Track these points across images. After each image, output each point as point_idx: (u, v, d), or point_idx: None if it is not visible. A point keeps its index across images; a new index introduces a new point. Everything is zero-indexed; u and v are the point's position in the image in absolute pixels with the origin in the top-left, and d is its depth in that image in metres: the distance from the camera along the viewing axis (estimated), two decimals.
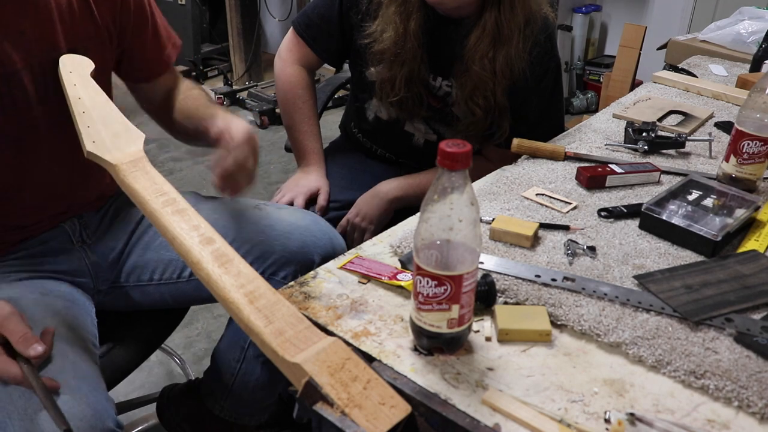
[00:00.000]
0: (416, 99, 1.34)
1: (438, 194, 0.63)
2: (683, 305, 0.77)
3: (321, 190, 1.40)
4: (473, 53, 1.23)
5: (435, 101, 1.36)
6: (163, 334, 1.23)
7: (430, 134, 1.42)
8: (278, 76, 1.49)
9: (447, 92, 1.33)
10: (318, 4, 1.41)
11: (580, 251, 0.90)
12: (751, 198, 0.99)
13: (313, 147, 1.45)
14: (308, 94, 1.47)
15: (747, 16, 2.13)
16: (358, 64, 1.39)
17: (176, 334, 1.25)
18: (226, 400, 1.24)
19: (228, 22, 3.93)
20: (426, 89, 1.34)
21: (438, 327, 0.68)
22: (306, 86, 1.47)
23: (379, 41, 1.28)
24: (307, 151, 1.45)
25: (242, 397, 1.23)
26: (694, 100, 1.52)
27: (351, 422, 0.59)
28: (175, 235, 0.78)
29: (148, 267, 1.12)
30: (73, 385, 0.83)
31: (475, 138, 1.35)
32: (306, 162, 1.45)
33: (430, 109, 1.37)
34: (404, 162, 1.50)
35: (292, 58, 1.47)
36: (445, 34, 1.28)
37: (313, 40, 1.42)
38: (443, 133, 1.41)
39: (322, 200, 1.38)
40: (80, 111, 0.92)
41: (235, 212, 1.13)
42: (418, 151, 1.45)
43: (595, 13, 3.83)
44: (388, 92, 1.33)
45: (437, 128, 1.41)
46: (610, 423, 0.62)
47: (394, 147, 1.49)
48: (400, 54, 1.27)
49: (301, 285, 0.83)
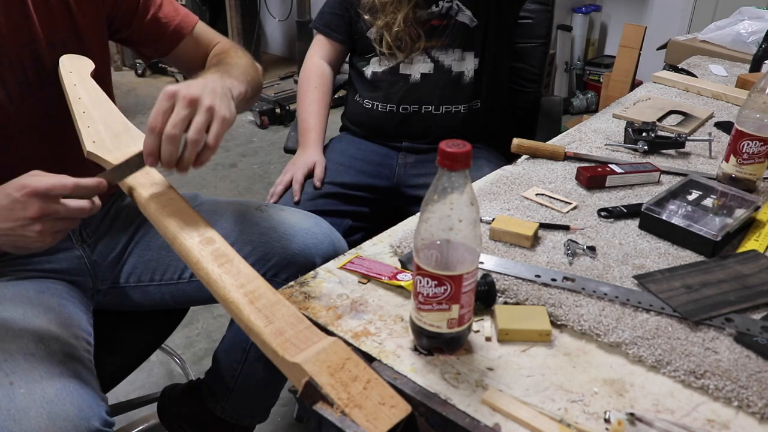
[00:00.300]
0: (414, 35, 1.44)
1: (438, 194, 0.63)
2: (683, 305, 0.77)
3: (317, 164, 1.43)
4: None
5: (439, 20, 1.45)
6: (163, 334, 1.23)
7: (427, 63, 1.47)
8: (301, 70, 1.60)
9: (448, 7, 1.44)
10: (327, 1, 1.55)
11: (580, 251, 0.90)
12: (751, 198, 0.99)
13: (314, 126, 1.50)
14: (321, 81, 1.55)
15: (747, 16, 2.13)
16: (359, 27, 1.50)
17: (176, 334, 1.26)
18: (228, 402, 1.24)
19: (228, 22, 3.93)
20: (428, 20, 1.44)
21: (438, 327, 0.68)
22: (321, 74, 1.56)
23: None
24: (307, 129, 1.49)
25: (243, 399, 1.23)
26: (694, 100, 1.52)
27: (351, 422, 0.59)
28: (175, 235, 0.78)
29: (149, 268, 1.12)
30: (59, 384, 0.83)
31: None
32: (304, 140, 1.49)
33: (434, 32, 1.45)
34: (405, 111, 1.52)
35: (315, 52, 1.59)
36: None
37: (328, 28, 1.55)
38: (440, 59, 1.47)
39: (318, 171, 1.42)
40: (80, 111, 0.92)
41: (236, 213, 1.12)
42: (416, 91, 1.49)
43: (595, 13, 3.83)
44: (387, 35, 1.43)
45: (435, 55, 1.47)
46: (610, 423, 0.62)
47: (394, 96, 1.51)
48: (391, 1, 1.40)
49: (301, 285, 0.83)
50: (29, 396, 0.80)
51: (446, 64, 1.47)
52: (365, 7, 1.45)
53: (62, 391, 0.82)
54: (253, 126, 3.62)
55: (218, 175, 3.07)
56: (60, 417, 0.79)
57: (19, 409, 0.78)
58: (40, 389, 0.81)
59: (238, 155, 3.28)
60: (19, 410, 0.78)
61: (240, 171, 3.11)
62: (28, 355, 0.85)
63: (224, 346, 1.24)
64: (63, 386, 0.83)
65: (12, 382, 0.81)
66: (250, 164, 3.19)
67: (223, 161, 3.19)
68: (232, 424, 1.26)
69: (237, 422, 1.26)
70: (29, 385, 0.81)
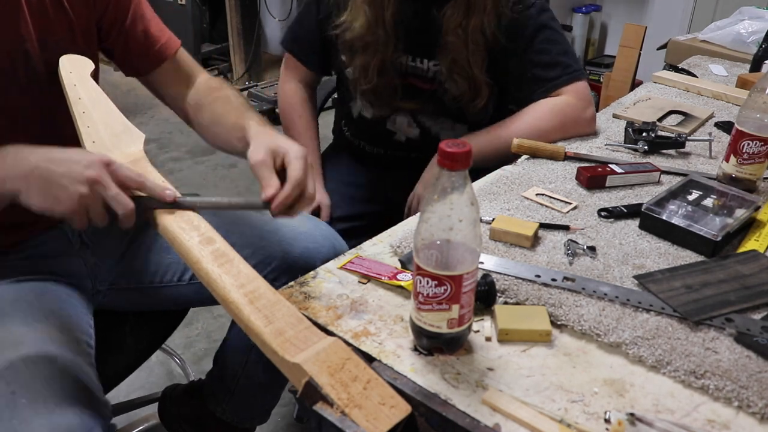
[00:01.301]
0: (390, 88, 1.33)
1: (438, 194, 0.63)
2: (683, 305, 0.77)
3: (322, 205, 1.38)
4: (448, 24, 1.24)
5: (425, 83, 1.34)
6: (164, 335, 1.23)
7: (413, 128, 1.39)
8: (278, 95, 1.51)
9: (435, 71, 1.32)
10: (299, 18, 1.45)
11: (580, 251, 0.90)
12: (751, 198, 0.99)
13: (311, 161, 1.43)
14: (303, 108, 1.47)
15: (747, 16, 2.13)
16: (339, 63, 1.39)
17: (176, 334, 1.25)
18: (228, 403, 1.24)
19: (228, 22, 3.93)
20: (412, 74, 1.33)
21: (438, 327, 0.68)
22: (301, 101, 1.47)
23: (350, 30, 1.28)
24: None
25: (244, 401, 1.23)
26: (694, 100, 1.52)
27: (351, 422, 0.59)
28: (175, 235, 0.78)
29: (148, 269, 1.12)
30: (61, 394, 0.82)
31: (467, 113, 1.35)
32: None
33: (419, 95, 1.35)
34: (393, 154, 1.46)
35: (290, 75, 1.49)
36: (427, 15, 1.28)
37: (302, 53, 1.45)
38: (428, 126, 1.39)
39: (324, 217, 1.37)
40: (80, 111, 0.92)
41: (237, 216, 1.12)
42: (403, 147, 1.43)
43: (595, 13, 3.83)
44: (362, 81, 1.32)
45: (422, 121, 1.39)
46: (610, 423, 0.62)
47: (379, 145, 1.46)
48: (371, 42, 1.27)
49: (301, 285, 0.83)
50: (30, 407, 0.78)
51: (434, 131, 1.39)
52: (344, 45, 1.33)
53: (64, 401, 0.81)
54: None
55: (218, 175, 3.07)
56: (62, 427, 0.78)
57: (21, 420, 0.77)
58: (42, 399, 0.80)
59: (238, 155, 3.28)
60: (21, 422, 0.77)
61: (240, 171, 3.11)
62: (30, 363, 0.83)
63: (225, 348, 1.24)
64: (65, 396, 0.82)
65: (14, 391, 0.80)
66: None
67: (223, 161, 3.19)
68: (233, 425, 1.26)
69: (237, 424, 1.26)
70: (30, 395, 0.80)
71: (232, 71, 4.12)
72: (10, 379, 0.81)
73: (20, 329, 0.88)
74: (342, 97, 1.50)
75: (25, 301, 0.94)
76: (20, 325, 0.89)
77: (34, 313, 0.92)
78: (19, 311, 0.90)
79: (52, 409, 0.79)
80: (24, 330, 0.88)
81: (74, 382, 0.85)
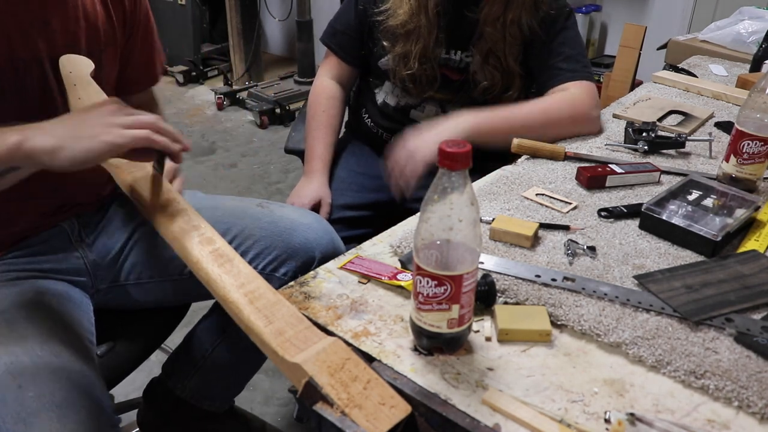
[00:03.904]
0: (429, 77, 1.37)
1: (438, 194, 0.63)
2: (683, 305, 0.77)
3: (323, 201, 1.38)
4: (486, 17, 1.29)
5: (455, 74, 1.38)
6: (163, 334, 1.23)
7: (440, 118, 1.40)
8: (311, 91, 1.53)
9: (467, 63, 1.36)
10: (339, 13, 1.48)
11: (580, 251, 0.90)
12: (751, 198, 0.99)
13: (320, 153, 1.44)
14: (330, 104, 1.48)
15: (747, 16, 2.13)
16: (375, 52, 1.42)
17: (176, 333, 1.26)
18: (191, 380, 1.24)
19: (228, 22, 3.93)
20: (444, 65, 1.38)
21: (438, 327, 0.68)
22: (330, 96, 1.49)
23: (393, 17, 1.34)
24: (313, 157, 1.44)
25: (209, 380, 1.23)
26: (694, 100, 1.52)
27: (351, 422, 0.59)
28: (175, 235, 0.78)
29: (149, 265, 1.12)
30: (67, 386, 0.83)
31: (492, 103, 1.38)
32: (310, 168, 1.44)
33: (449, 86, 1.39)
34: None
35: (326, 72, 1.52)
36: (463, 10, 1.33)
37: (340, 48, 1.48)
38: None
39: (323, 213, 1.37)
40: None
41: (237, 209, 1.14)
42: None
43: (595, 13, 3.83)
44: (402, 68, 1.36)
45: (450, 111, 1.39)
46: (610, 423, 0.62)
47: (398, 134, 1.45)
48: (414, 29, 1.33)
49: (301, 285, 0.83)
50: (38, 400, 0.80)
51: None
52: (386, 32, 1.37)
53: (70, 393, 0.82)
54: (253, 126, 3.62)
55: (218, 175, 3.07)
56: (70, 420, 0.79)
57: (29, 412, 0.78)
58: (48, 392, 0.81)
59: (238, 155, 3.28)
60: (29, 414, 0.78)
61: (240, 171, 3.11)
62: (35, 357, 0.85)
63: (202, 326, 1.25)
64: (71, 388, 0.83)
65: (20, 385, 0.81)
66: (250, 164, 3.19)
67: (223, 161, 3.19)
68: (190, 404, 1.25)
69: (195, 403, 1.25)
70: (37, 389, 0.81)
71: (232, 71, 4.12)
72: (17, 373, 0.82)
73: (24, 326, 0.89)
74: (367, 85, 1.53)
75: (28, 299, 0.94)
76: (23, 321, 0.89)
77: (36, 310, 0.93)
78: (22, 309, 0.91)
79: (59, 403, 0.80)
80: (28, 326, 0.89)
81: (79, 376, 0.86)
